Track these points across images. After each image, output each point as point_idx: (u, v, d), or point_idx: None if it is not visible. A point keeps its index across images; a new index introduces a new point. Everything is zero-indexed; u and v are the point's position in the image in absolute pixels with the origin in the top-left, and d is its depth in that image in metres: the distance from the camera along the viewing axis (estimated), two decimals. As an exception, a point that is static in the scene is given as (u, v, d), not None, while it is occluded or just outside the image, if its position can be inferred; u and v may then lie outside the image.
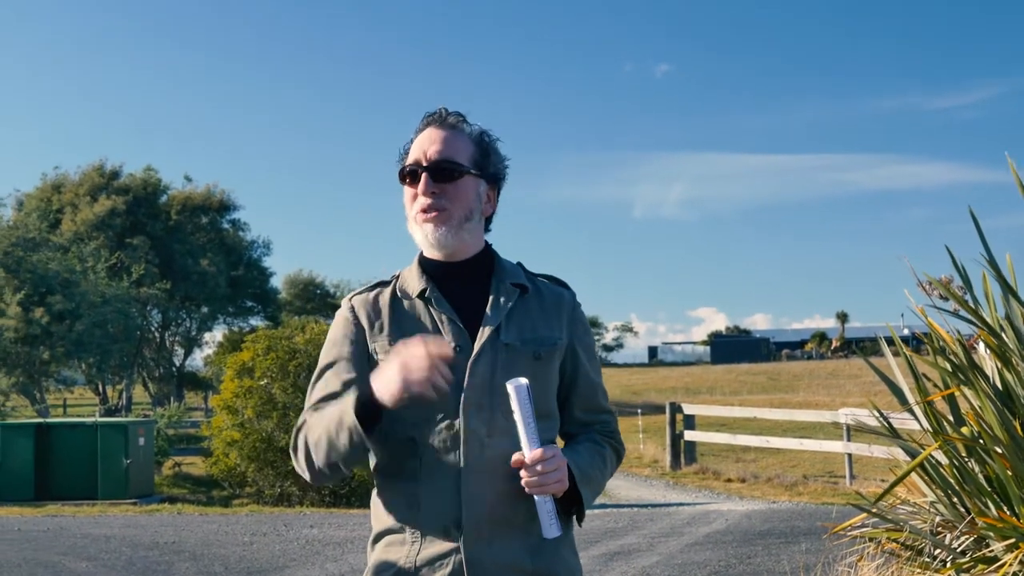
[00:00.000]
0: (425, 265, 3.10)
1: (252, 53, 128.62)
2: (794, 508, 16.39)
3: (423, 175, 3.02)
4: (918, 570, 6.07)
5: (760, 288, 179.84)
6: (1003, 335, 6.10)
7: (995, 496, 5.93)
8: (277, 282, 67.74)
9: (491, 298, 3.05)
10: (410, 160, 3.06)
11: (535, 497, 2.82)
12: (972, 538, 5.92)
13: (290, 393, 21.37)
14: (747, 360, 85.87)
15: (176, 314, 59.69)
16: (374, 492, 3.10)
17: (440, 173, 3.01)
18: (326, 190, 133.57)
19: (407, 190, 3.07)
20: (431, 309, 3.03)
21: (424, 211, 3.02)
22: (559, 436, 3.12)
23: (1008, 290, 6.06)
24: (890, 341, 7.22)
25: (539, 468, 2.78)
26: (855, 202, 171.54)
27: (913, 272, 7.28)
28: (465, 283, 3.08)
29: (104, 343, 41.78)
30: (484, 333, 2.98)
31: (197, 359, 64.93)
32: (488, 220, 3.17)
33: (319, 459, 2.94)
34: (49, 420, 26.12)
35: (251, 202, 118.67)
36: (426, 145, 3.05)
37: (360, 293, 3.17)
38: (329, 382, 3.09)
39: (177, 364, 61.84)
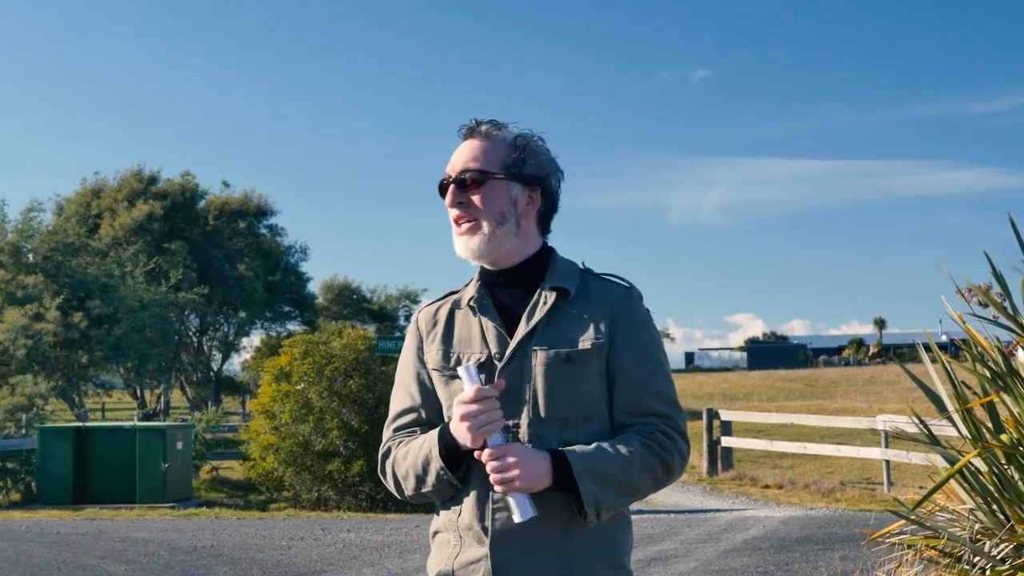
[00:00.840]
0: (482, 273, 3.14)
1: (290, 59, 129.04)
2: (831, 515, 16.32)
3: (450, 187, 3.06)
4: (957, 577, 6.04)
5: (798, 294, 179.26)
6: (1043, 342, 6.07)
7: (1035, 504, 5.90)
8: (314, 287, 67.85)
9: (531, 303, 3.04)
10: (442, 177, 3.10)
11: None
12: (1012, 545, 5.89)
13: (326, 397, 21.43)
14: (784, 366, 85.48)
15: (214, 319, 59.86)
16: None
17: (463, 183, 3.04)
18: (363, 195, 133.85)
19: (446, 206, 3.11)
20: (478, 316, 3.06)
21: (457, 223, 3.07)
22: None
23: (1048, 296, 6.02)
24: (928, 348, 7.19)
25: (488, 466, 2.82)
26: (893, 208, 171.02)
27: (951, 279, 7.25)
28: (516, 289, 3.09)
29: (142, 347, 41.96)
30: (516, 339, 2.99)
31: (234, 364, 65.19)
32: (545, 221, 3.17)
33: (408, 489, 3.05)
34: (88, 424, 26.24)
35: (288, 207, 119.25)
36: (455, 159, 3.09)
37: (428, 305, 3.23)
38: (402, 399, 3.19)
39: (215, 369, 62.03)
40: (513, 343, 2.98)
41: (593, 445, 2.95)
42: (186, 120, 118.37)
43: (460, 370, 2.90)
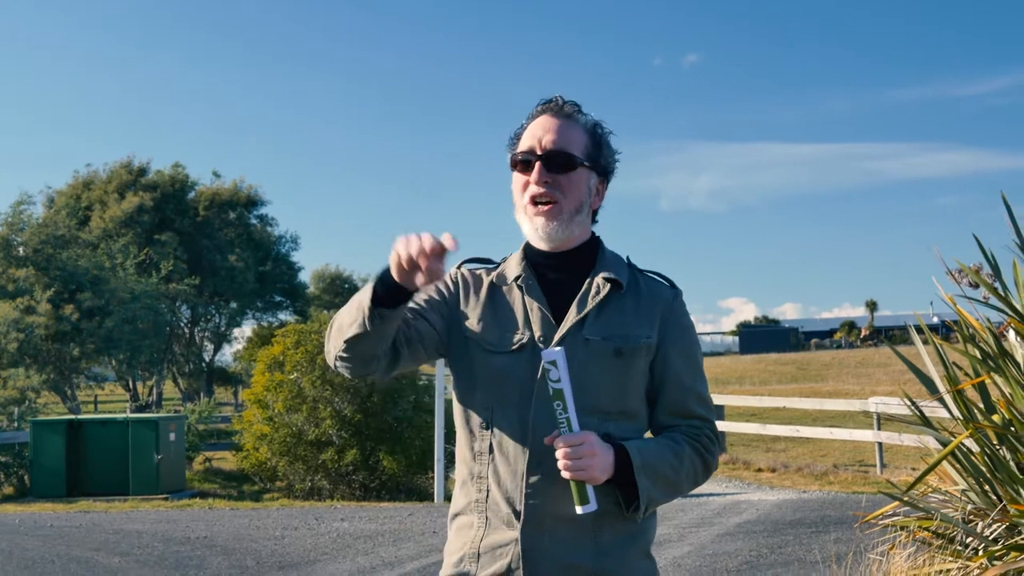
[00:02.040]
0: (529, 253, 3.08)
1: (281, 48, 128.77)
2: (825, 497, 16.34)
3: (537, 164, 2.98)
4: (950, 558, 6.05)
5: (790, 278, 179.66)
6: (1034, 322, 6.07)
7: (1027, 484, 5.91)
8: (305, 277, 67.87)
9: (582, 291, 3.00)
10: (524, 147, 3.02)
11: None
12: (1004, 526, 5.90)
13: (319, 386, 21.41)
14: (776, 350, 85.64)
15: (205, 310, 59.82)
16: (456, 469, 3.11)
17: (554, 163, 2.97)
18: (354, 184, 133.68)
19: (518, 177, 3.03)
20: (524, 296, 3.01)
21: (535, 201, 2.99)
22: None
23: (1038, 277, 6.03)
24: (919, 330, 7.20)
25: (560, 453, 2.73)
26: (884, 190, 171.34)
27: (942, 260, 7.26)
28: (564, 274, 3.05)
29: (134, 339, 41.94)
30: (566, 325, 2.94)
31: (226, 354, 65.18)
32: (595, 212, 3.12)
33: (333, 335, 2.90)
34: (80, 416, 26.18)
35: (278, 197, 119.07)
36: (540, 133, 3.01)
37: (469, 262, 3.17)
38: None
39: (207, 359, 62.01)
40: (563, 329, 2.93)
41: (647, 441, 2.95)
42: (177, 111, 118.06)
43: (548, 353, 2.75)
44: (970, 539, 6.08)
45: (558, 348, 2.76)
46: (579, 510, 2.77)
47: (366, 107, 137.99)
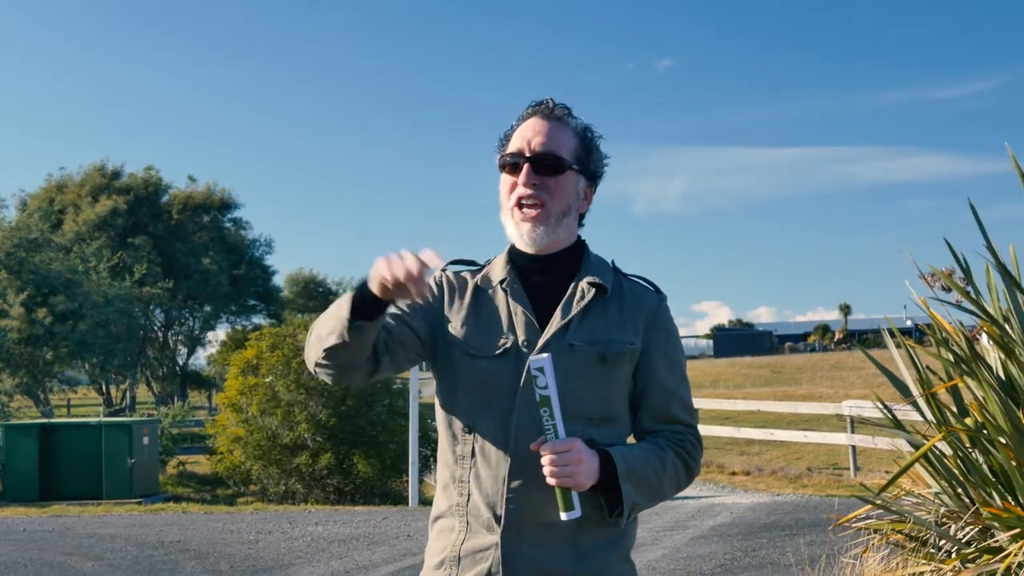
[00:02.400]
0: (514, 255, 3.05)
1: (254, 51, 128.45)
2: (799, 500, 16.39)
3: (525, 166, 2.96)
4: (923, 561, 6.08)
5: (764, 282, 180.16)
6: (1006, 325, 6.10)
7: (999, 486, 5.94)
8: (279, 280, 67.77)
9: (566, 295, 2.98)
10: (512, 149, 3.00)
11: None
12: (977, 528, 5.93)
13: (294, 390, 21.38)
14: (750, 353, 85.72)
15: (179, 313, 59.74)
16: (437, 472, 3.08)
17: (543, 166, 2.95)
18: (328, 188, 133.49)
19: (505, 179, 3.01)
20: (508, 300, 2.98)
21: (521, 204, 2.96)
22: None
23: (1011, 280, 6.06)
24: (892, 333, 7.23)
25: (546, 460, 2.71)
26: (857, 194, 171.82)
27: (915, 264, 7.29)
28: (549, 277, 3.02)
29: (107, 343, 41.80)
30: (550, 330, 2.92)
31: (200, 358, 65.07)
32: (582, 216, 3.09)
33: (312, 343, 2.89)
34: (53, 420, 26.14)
35: (252, 200, 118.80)
36: (530, 135, 2.98)
37: (455, 265, 3.14)
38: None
39: (180, 363, 61.87)
40: (547, 334, 2.91)
41: (630, 447, 2.94)
42: (151, 114, 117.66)
43: (536, 360, 2.74)
44: (943, 542, 6.10)
45: (545, 355, 2.74)
46: (564, 516, 2.75)
47: (340, 110, 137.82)
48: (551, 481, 2.72)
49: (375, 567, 11.34)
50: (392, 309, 2.97)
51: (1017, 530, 5.55)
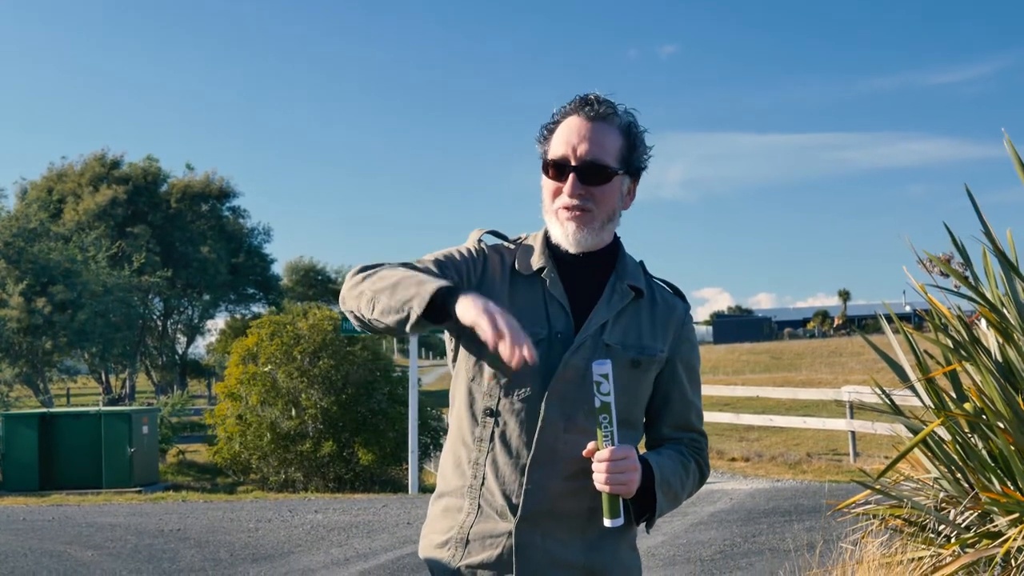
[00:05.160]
0: (551, 245, 2.99)
1: (254, 39, 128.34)
2: (798, 486, 16.39)
3: (571, 176, 2.88)
4: (922, 546, 6.08)
5: (764, 268, 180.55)
6: (1004, 311, 6.09)
7: (998, 471, 5.94)
8: (278, 269, 67.73)
9: (604, 294, 2.94)
10: (558, 153, 2.91)
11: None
12: (976, 513, 5.92)
13: (295, 378, 21.38)
14: (749, 339, 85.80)
15: (178, 302, 59.73)
16: (445, 447, 3.05)
17: (589, 175, 2.87)
18: (326, 176, 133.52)
19: (548, 182, 2.93)
20: (546, 290, 2.94)
21: (567, 208, 2.89)
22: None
23: (1008, 265, 6.05)
24: (890, 319, 7.22)
25: (604, 467, 2.69)
26: (856, 180, 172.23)
27: (913, 249, 7.28)
28: (586, 273, 2.97)
29: (106, 332, 41.81)
30: (589, 327, 2.88)
31: (200, 347, 65.09)
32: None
33: (373, 297, 2.79)
34: (53, 410, 26.09)
35: (251, 189, 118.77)
36: (576, 140, 2.89)
37: (495, 236, 3.09)
38: (423, 260, 2.96)
39: (180, 352, 61.86)
40: (586, 332, 2.88)
41: (660, 455, 2.95)
42: (151, 104, 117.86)
43: (600, 366, 2.70)
44: (942, 527, 6.10)
45: (607, 361, 2.71)
46: (608, 523, 2.75)
47: (338, 99, 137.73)
48: (605, 488, 2.71)
49: (375, 554, 11.34)
50: (430, 267, 2.91)
51: (1016, 515, 5.54)
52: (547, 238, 3.01)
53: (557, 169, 2.91)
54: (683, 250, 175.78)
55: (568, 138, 2.90)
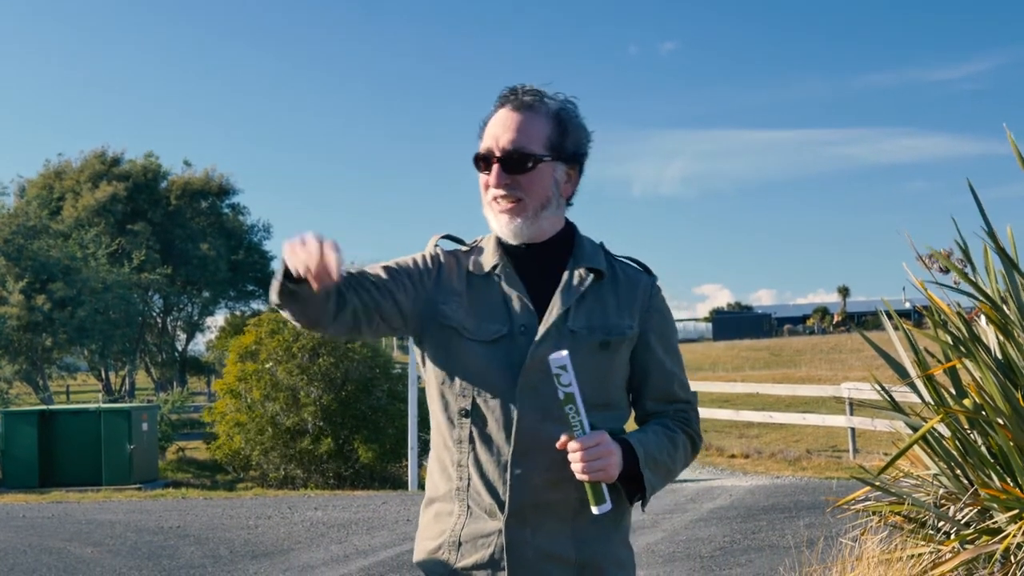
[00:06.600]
0: (503, 242, 2.99)
1: (253, 34, 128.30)
2: (798, 483, 16.39)
3: (495, 166, 2.89)
4: (922, 542, 6.08)
5: (764, 264, 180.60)
6: (1004, 307, 6.09)
7: (998, 468, 5.94)
8: (278, 265, 67.70)
9: (563, 281, 2.93)
10: (482, 147, 2.93)
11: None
12: (976, 510, 5.92)
13: (296, 375, 21.38)
14: (749, 336, 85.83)
15: (178, 299, 59.66)
16: (431, 453, 3.05)
17: (512, 164, 2.87)
18: (326, 172, 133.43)
19: (480, 176, 2.95)
20: (503, 287, 2.93)
21: (497, 200, 2.91)
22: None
23: (1008, 262, 6.05)
24: (890, 315, 7.22)
25: (577, 456, 2.68)
26: (855, 176, 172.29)
27: (913, 246, 7.28)
28: (541, 264, 2.96)
29: (106, 329, 41.79)
30: (551, 317, 2.88)
31: (199, 344, 64.98)
32: (569, 198, 3.02)
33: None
34: (52, 407, 26.12)
35: (250, 186, 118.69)
36: (499, 131, 2.90)
37: (448, 240, 3.09)
38: (381, 266, 3.01)
39: (179, 349, 61.82)
40: (548, 321, 2.87)
41: (644, 432, 2.92)
42: (150, 100, 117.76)
43: (557, 358, 2.68)
44: (942, 523, 6.10)
45: (564, 352, 2.69)
46: (595, 510, 2.75)
47: (339, 94, 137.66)
48: (583, 477, 2.70)
49: (374, 551, 11.34)
50: (382, 275, 2.96)
51: (1015, 511, 5.54)
52: (499, 238, 3.01)
53: (484, 162, 2.94)
54: (683, 246, 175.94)
55: (492, 130, 2.93)
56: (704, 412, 24.33)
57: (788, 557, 8.84)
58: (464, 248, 3.07)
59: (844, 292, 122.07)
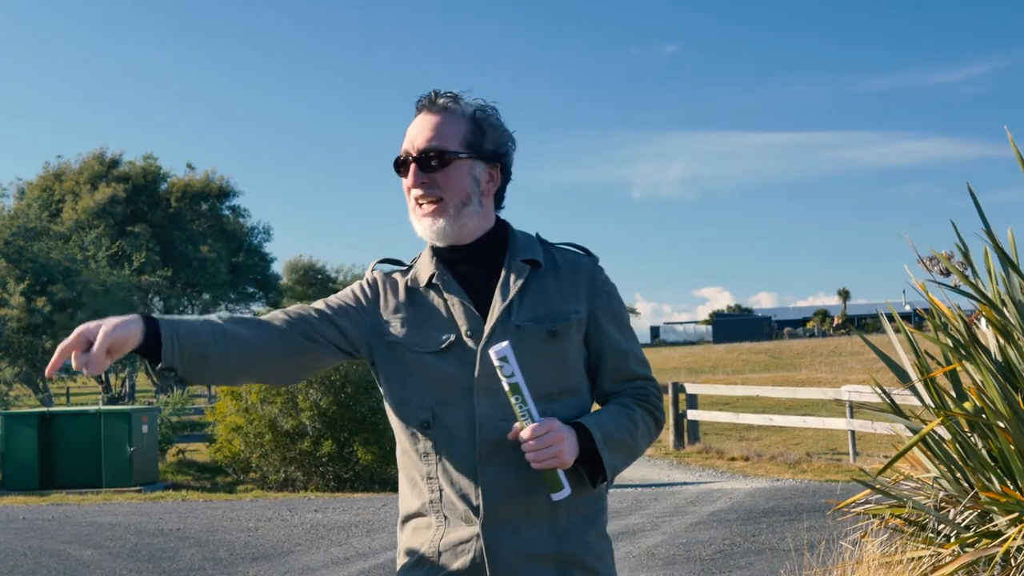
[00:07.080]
0: (436, 251, 3.02)
1: (250, 36, 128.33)
2: (798, 486, 16.39)
3: (412, 166, 2.94)
4: (922, 545, 6.08)
5: (764, 267, 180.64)
6: (1005, 310, 6.09)
7: (998, 471, 5.94)
8: (278, 268, 67.68)
9: (501, 278, 2.96)
10: (401, 151, 2.99)
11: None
12: (976, 513, 5.93)
13: (294, 378, 21.35)
14: (749, 339, 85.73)
15: (178, 301, 59.67)
16: (400, 473, 3.06)
17: (427, 163, 2.92)
18: (326, 175, 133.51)
19: (402, 181, 2.99)
20: (443, 295, 2.96)
21: (418, 203, 2.95)
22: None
23: (1009, 264, 6.05)
24: (891, 318, 7.22)
25: (529, 446, 2.70)
26: (856, 179, 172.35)
27: (914, 248, 7.28)
28: (477, 265, 2.99)
29: (106, 331, 41.74)
30: (494, 315, 2.89)
31: (200, 345, 64.90)
32: (499, 197, 3.07)
33: None
34: (53, 409, 26.06)
35: (251, 188, 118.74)
36: (414, 134, 2.96)
37: (386, 264, 3.13)
38: (317, 304, 3.05)
39: (180, 351, 61.74)
40: (491, 320, 2.89)
41: (600, 413, 2.94)
42: (150, 102, 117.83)
43: (498, 350, 2.73)
44: (942, 526, 6.10)
45: (505, 343, 2.73)
46: (554, 497, 2.76)
47: (338, 96, 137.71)
48: (536, 465, 2.72)
49: (374, 554, 11.34)
50: (324, 308, 3.02)
51: (1016, 514, 5.54)
52: (433, 247, 3.04)
53: (404, 166, 2.98)
54: (683, 249, 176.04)
55: (410, 135, 2.99)
56: (704, 415, 24.37)
57: (788, 560, 8.84)
58: (403, 268, 3.11)
59: (844, 295, 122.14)
